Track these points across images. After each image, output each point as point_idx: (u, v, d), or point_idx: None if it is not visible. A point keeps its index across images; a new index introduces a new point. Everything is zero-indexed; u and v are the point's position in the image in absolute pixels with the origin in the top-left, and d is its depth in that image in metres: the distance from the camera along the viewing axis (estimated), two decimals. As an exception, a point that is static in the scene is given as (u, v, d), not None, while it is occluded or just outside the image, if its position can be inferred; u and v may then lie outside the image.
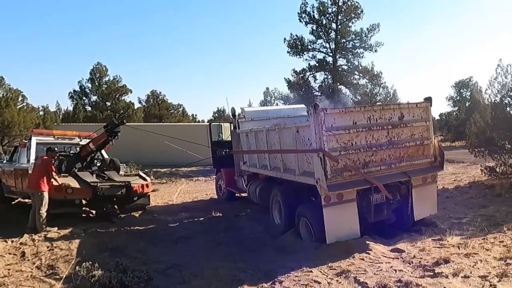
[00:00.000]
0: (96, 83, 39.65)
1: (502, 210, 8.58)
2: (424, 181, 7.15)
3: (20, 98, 24.96)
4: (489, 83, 11.95)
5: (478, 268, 4.91)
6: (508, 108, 11.76)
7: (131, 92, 40.79)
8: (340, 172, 6.24)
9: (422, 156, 7.13)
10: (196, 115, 54.14)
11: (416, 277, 4.77)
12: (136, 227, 8.98)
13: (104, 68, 39.77)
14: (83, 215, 9.64)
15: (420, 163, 7.09)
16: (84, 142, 10.85)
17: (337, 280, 4.84)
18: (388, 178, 6.65)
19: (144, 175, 11.05)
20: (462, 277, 4.67)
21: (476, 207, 9.17)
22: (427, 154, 7.19)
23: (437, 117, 48.06)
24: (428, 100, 7.21)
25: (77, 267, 5.53)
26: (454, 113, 41.34)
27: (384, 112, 6.72)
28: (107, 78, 40.04)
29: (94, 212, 9.83)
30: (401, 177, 6.83)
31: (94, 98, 40.44)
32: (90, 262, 5.49)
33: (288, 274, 5.11)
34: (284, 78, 30.77)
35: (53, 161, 8.85)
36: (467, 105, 37.41)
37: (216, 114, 46.30)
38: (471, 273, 4.76)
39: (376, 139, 6.62)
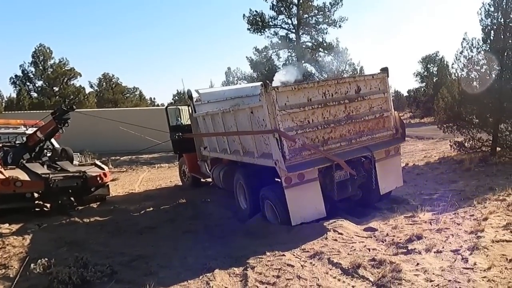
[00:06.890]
0: (41, 67, 38.16)
1: (471, 184, 9.00)
2: (387, 154, 7.35)
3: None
4: (455, 57, 12.31)
5: (450, 243, 5.15)
6: (474, 83, 12.20)
7: (80, 76, 39.76)
8: (299, 152, 6.28)
9: (383, 129, 7.29)
10: (154, 98, 53.38)
11: (389, 255, 4.96)
12: (96, 219, 8.80)
13: (48, 50, 38.29)
14: (37, 209, 9.40)
15: (381, 136, 7.25)
16: (30, 131, 10.47)
17: (310, 263, 4.94)
18: (349, 154, 6.76)
19: (101, 164, 10.85)
20: (434, 252, 4.88)
21: (447, 182, 9.58)
22: (387, 127, 7.35)
23: (405, 94, 49.48)
24: (385, 70, 7.31)
25: (32, 265, 5.36)
26: (422, 89, 42.48)
27: (340, 86, 6.75)
28: (52, 61, 38.68)
29: (48, 205, 9.57)
30: (363, 152, 6.96)
31: (39, 83, 39.02)
32: (47, 259, 5.37)
33: (260, 259, 5.16)
34: (246, 57, 30.66)
35: (-3, 153, 8.51)
36: (434, 80, 38.52)
37: (176, 97, 45.63)
38: (443, 248, 4.98)
39: (333, 115, 6.67)
